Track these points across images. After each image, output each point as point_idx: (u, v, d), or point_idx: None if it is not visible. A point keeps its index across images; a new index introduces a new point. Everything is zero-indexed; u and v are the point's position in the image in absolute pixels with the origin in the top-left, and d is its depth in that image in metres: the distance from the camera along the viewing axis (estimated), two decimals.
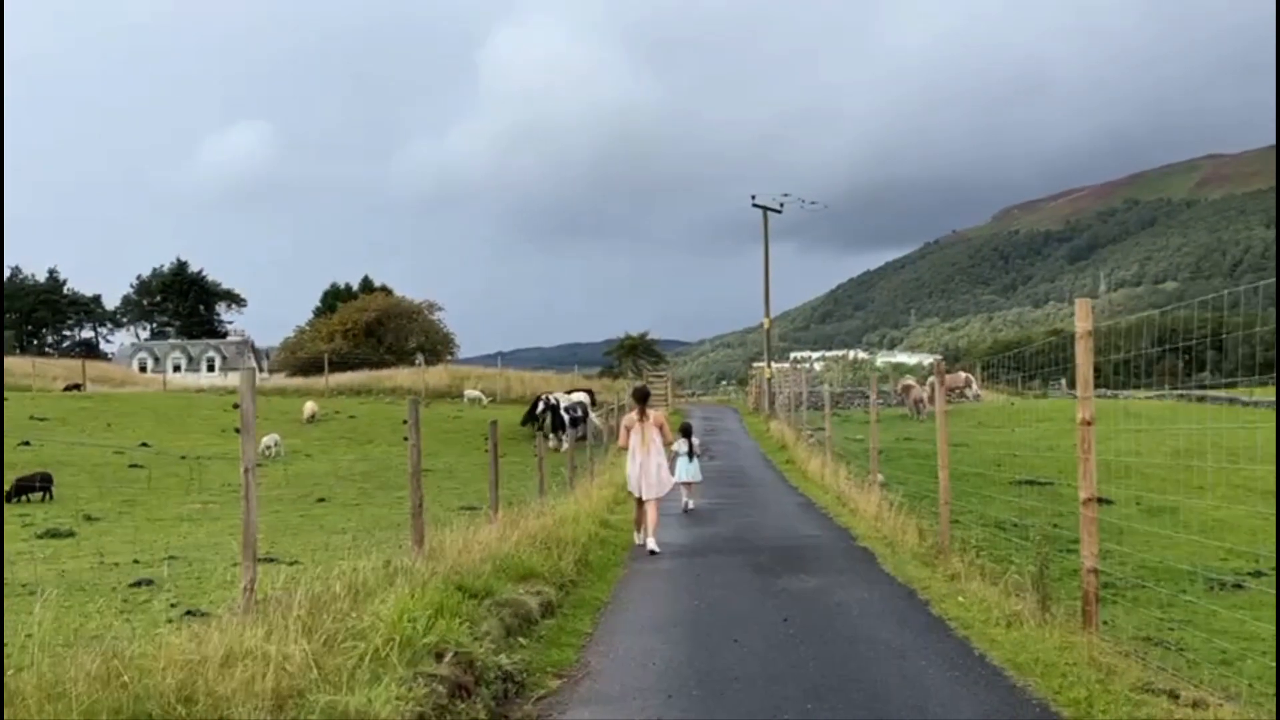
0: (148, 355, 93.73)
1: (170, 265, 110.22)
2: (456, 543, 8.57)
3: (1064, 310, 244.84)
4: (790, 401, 31.81)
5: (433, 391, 47.92)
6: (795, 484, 17.79)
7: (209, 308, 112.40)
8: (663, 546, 10.33)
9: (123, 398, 44.29)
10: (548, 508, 11.80)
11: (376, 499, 21.13)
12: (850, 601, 7.34)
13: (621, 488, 15.69)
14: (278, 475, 24.64)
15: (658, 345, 75.95)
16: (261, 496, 20.11)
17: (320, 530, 15.90)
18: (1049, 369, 13.94)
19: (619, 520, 12.49)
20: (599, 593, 7.84)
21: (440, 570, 7.11)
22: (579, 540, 9.33)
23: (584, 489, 14.49)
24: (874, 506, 12.28)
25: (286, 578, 9.66)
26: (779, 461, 22.54)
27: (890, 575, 8.52)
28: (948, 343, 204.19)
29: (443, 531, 9.77)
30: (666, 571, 8.92)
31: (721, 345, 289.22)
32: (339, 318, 65.51)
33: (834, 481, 15.89)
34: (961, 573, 8.02)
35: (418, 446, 9.15)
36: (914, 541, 9.89)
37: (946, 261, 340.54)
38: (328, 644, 4.93)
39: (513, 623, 6.03)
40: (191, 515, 18.77)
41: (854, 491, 14.11)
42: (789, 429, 27.11)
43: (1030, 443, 24.60)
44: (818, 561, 9.29)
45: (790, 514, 13.40)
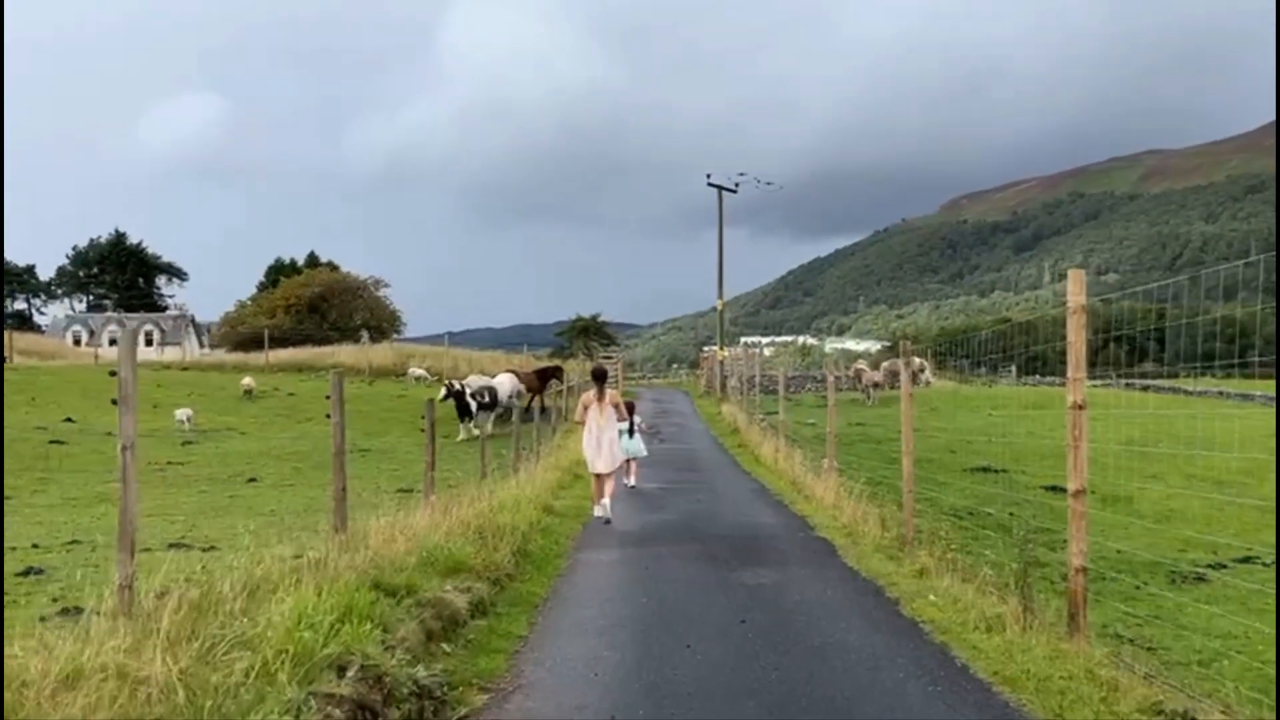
0: (82, 328, 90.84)
1: (108, 236, 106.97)
2: (382, 531, 7.78)
3: (1009, 299, 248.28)
4: (742, 385, 31.27)
5: (377, 370, 46.75)
6: (748, 468, 17.19)
7: (149, 281, 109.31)
8: (610, 535, 9.67)
9: (49, 371, 42.53)
10: (487, 492, 11.05)
11: (311, 479, 20.15)
12: (812, 600, 6.70)
13: (567, 471, 14.98)
14: (209, 453, 23.56)
15: (609, 327, 75.19)
16: (189, 476, 18.90)
17: (247, 512, 15.00)
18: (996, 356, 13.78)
19: (565, 506, 11.77)
20: (538, 587, 7.11)
21: (358, 563, 6.34)
22: (518, 528, 8.58)
23: (529, 472, 13.73)
24: (832, 494, 11.71)
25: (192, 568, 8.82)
26: (731, 445, 21.95)
27: (853, 569, 7.90)
28: (895, 330, 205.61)
29: (370, 517, 9.00)
30: (613, 563, 8.22)
31: (673, 329, 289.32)
32: (281, 293, 63.76)
33: (788, 467, 15.31)
34: (931, 568, 7.43)
35: (341, 424, 8.35)
36: (876, 532, 9.30)
37: (895, 250, 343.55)
38: (206, 657, 4.15)
39: (435, 626, 5.29)
40: (109, 495, 17.66)
41: (810, 478, 13.53)
42: (741, 412, 26.56)
43: (983, 429, 24.32)
44: (775, 553, 8.66)
45: (744, 500, 12.76)
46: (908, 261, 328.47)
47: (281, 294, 63.27)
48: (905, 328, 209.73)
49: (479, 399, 26.50)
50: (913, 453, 9.96)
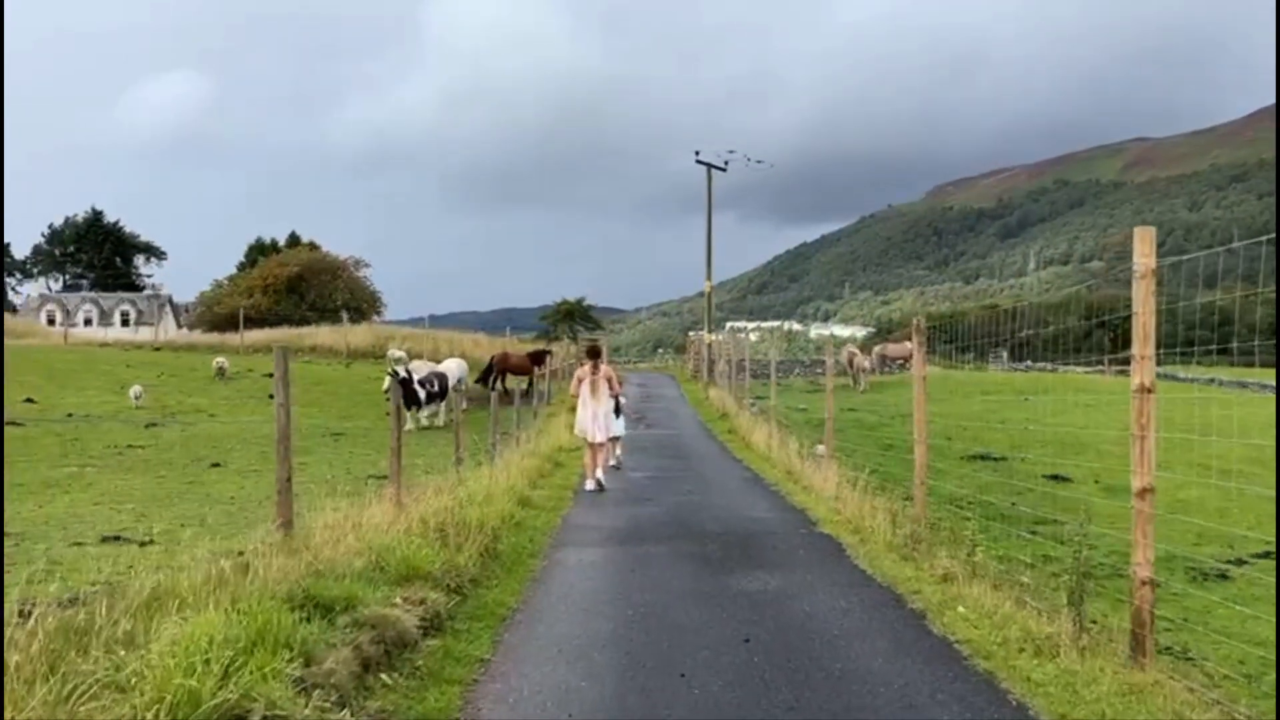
0: (56, 308, 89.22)
1: (85, 215, 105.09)
2: (331, 528, 6.82)
3: (994, 286, 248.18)
4: (731, 369, 30.34)
5: (355, 351, 45.70)
6: (739, 456, 16.26)
7: (126, 260, 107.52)
8: (591, 532, 8.73)
9: (14, 350, 41.21)
10: (457, 482, 10.09)
11: (273, 463, 19.09)
12: (825, 612, 5.78)
13: (547, 458, 14.05)
14: (173, 436, 22.45)
15: (595, 311, 74.17)
16: (149, 460, 17.74)
17: (204, 500, 14.00)
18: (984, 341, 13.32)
19: (543, 497, 10.80)
20: (506, 595, 6.14)
21: (294, 569, 5.37)
22: (488, 524, 7.62)
23: (506, 459, 12.77)
24: (832, 484, 10.78)
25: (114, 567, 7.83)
26: (720, 431, 21.02)
27: (866, 573, 6.97)
28: (880, 316, 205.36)
29: (324, 508, 8.03)
30: (593, 565, 7.26)
31: (659, 314, 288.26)
32: (259, 272, 62.35)
33: (783, 454, 14.40)
34: (956, 573, 6.50)
35: (286, 406, 7.36)
36: (886, 528, 8.38)
37: (881, 236, 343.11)
38: (61, 704, 3.17)
39: (375, 651, 4.33)
40: (60, 480, 16.62)
41: (806, 466, 12.62)
42: (729, 397, 25.64)
43: (979, 415, 23.52)
44: (776, 553, 7.72)
45: (737, 491, 11.82)
46: (893, 248, 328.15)
47: (259, 274, 61.89)
48: (891, 314, 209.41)
49: (428, 387, 24.81)
50: (926, 440, 9.06)
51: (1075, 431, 18.68)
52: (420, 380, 24.76)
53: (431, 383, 24.89)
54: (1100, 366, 35.14)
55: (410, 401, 24.08)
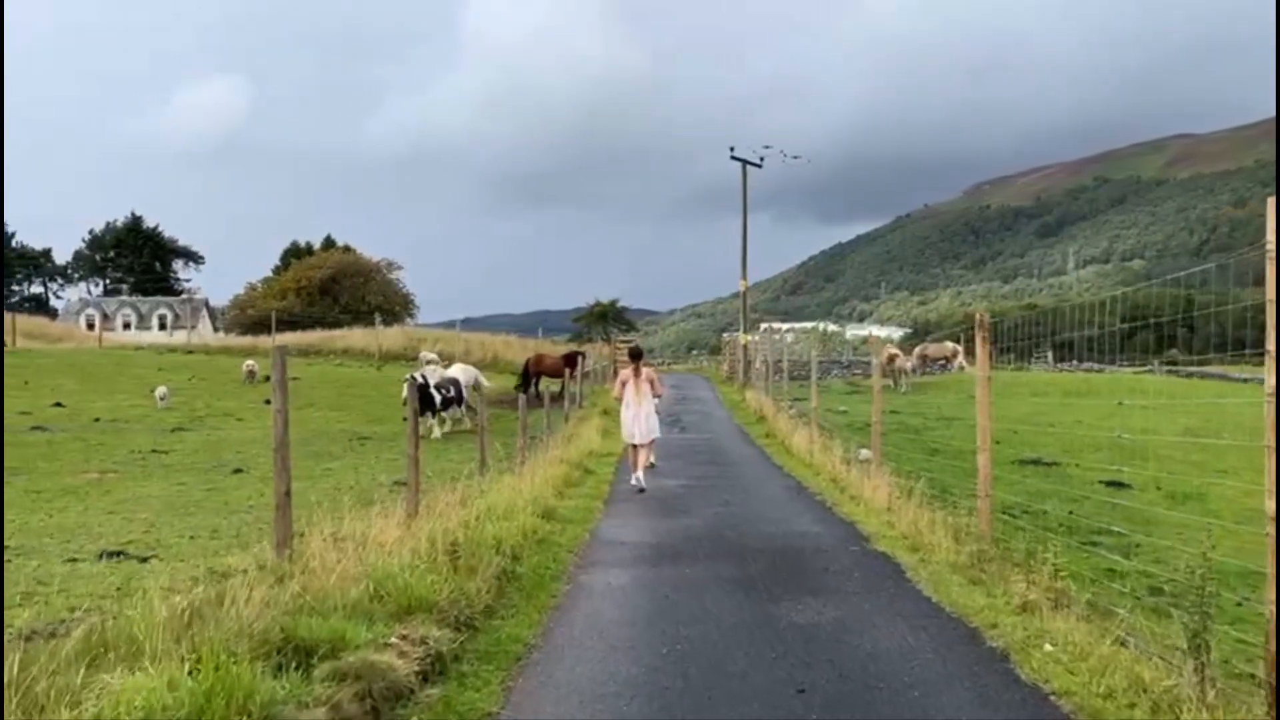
0: (95, 312, 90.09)
1: (124, 220, 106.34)
2: (329, 550, 6.13)
3: (1032, 285, 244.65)
4: (767, 370, 29.48)
5: (387, 354, 45.34)
6: (779, 462, 15.43)
7: (165, 264, 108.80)
8: (622, 549, 7.98)
9: (48, 354, 41.28)
10: (478, 492, 9.40)
11: (300, 471, 18.46)
12: (890, 651, 4.98)
13: (576, 465, 13.35)
14: (198, 440, 21.98)
15: (628, 313, 73.63)
16: (172, 465, 17.17)
17: (220, 509, 13.44)
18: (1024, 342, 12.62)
19: (570, 509, 10.04)
20: (523, 628, 5.39)
21: (279, 600, 4.66)
22: (506, 542, 6.89)
23: (531, 467, 12.05)
24: (883, 494, 9.96)
25: (104, 588, 7.19)
26: (758, 435, 20.19)
27: (932, 601, 6.16)
28: (917, 316, 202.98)
29: (332, 522, 7.37)
30: (623, 590, 6.49)
31: (693, 315, 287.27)
32: (292, 275, 62.38)
33: (825, 461, 13.57)
34: (1037, 602, 5.68)
35: (284, 411, 6.69)
36: (948, 546, 7.56)
37: (918, 235, 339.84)
38: None
39: (357, 711, 3.60)
40: (79, 488, 16.17)
41: (853, 474, 11.80)
42: (767, 399, 24.79)
43: (1026, 418, 22.53)
44: (828, 575, 6.92)
45: (780, 502, 10.99)
46: (930, 247, 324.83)
47: (292, 276, 61.90)
48: (927, 314, 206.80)
49: (444, 392, 23.99)
50: (989, 447, 8.22)
51: (1132, 434, 17.70)
52: (436, 385, 23.96)
53: (447, 389, 24.12)
54: (1149, 367, 33.96)
55: (426, 408, 23.61)
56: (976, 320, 8.03)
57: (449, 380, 24.67)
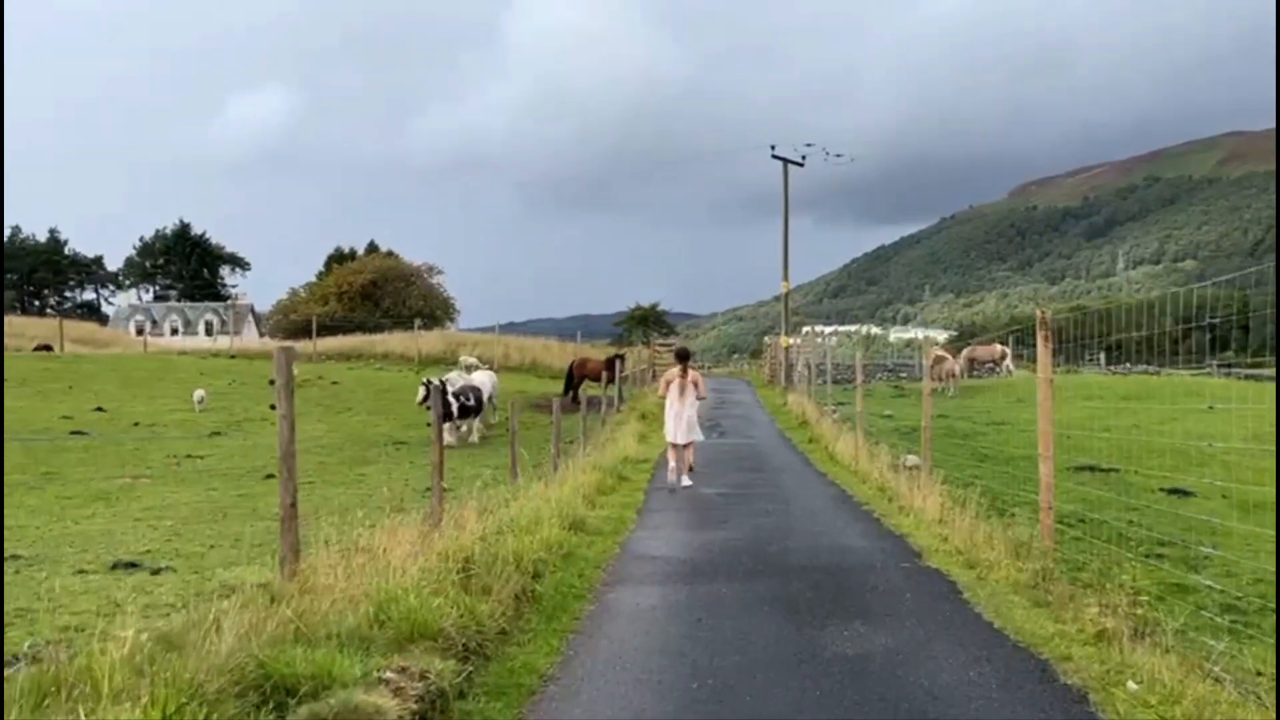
0: (144, 318, 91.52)
1: (173, 227, 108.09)
2: (336, 566, 5.68)
3: (1080, 286, 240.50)
4: (810, 373, 28.80)
5: (426, 358, 45.19)
6: (823, 469, 14.81)
7: (212, 271, 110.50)
8: (651, 563, 7.46)
9: (93, 359, 41.63)
10: (504, 501, 8.94)
11: (334, 476, 18.33)
12: (951, 689, 4.41)
13: (610, 471, 12.86)
14: (234, 445, 21.81)
15: (669, 317, 73.20)
16: (206, 470, 16.93)
17: (248, 516, 13.15)
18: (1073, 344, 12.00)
19: (599, 519, 9.51)
20: (539, 657, 4.88)
21: (269, 626, 4.20)
22: (527, 557, 6.40)
23: (562, 474, 11.57)
24: (935, 505, 9.33)
25: (105, 604, 6.81)
26: (800, 441, 19.55)
27: (994, 626, 5.56)
28: (962, 319, 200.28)
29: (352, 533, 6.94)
30: (652, 612, 5.96)
31: (734, 318, 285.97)
32: (334, 279, 62.65)
33: (872, 468, 12.95)
34: (1116, 630, 5.07)
35: (290, 417, 6.26)
36: (1007, 563, 6.94)
37: (962, 237, 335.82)
38: None
39: None
40: (110, 493, 16.00)
41: (901, 482, 11.17)
42: (809, 403, 24.13)
43: (1080, 422, 21.71)
44: (877, 596, 6.34)
45: (824, 512, 10.39)
46: (975, 249, 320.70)
47: (334, 281, 62.15)
48: (973, 316, 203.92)
49: (462, 399, 22.96)
50: (1052, 455, 7.60)
51: (1193, 440, 16.87)
52: (454, 393, 22.92)
53: (466, 395, 23.12)
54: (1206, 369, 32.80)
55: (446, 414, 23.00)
56: (1038, 318, 7.41)
57: (469, 388, 23.80)
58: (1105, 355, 37.95)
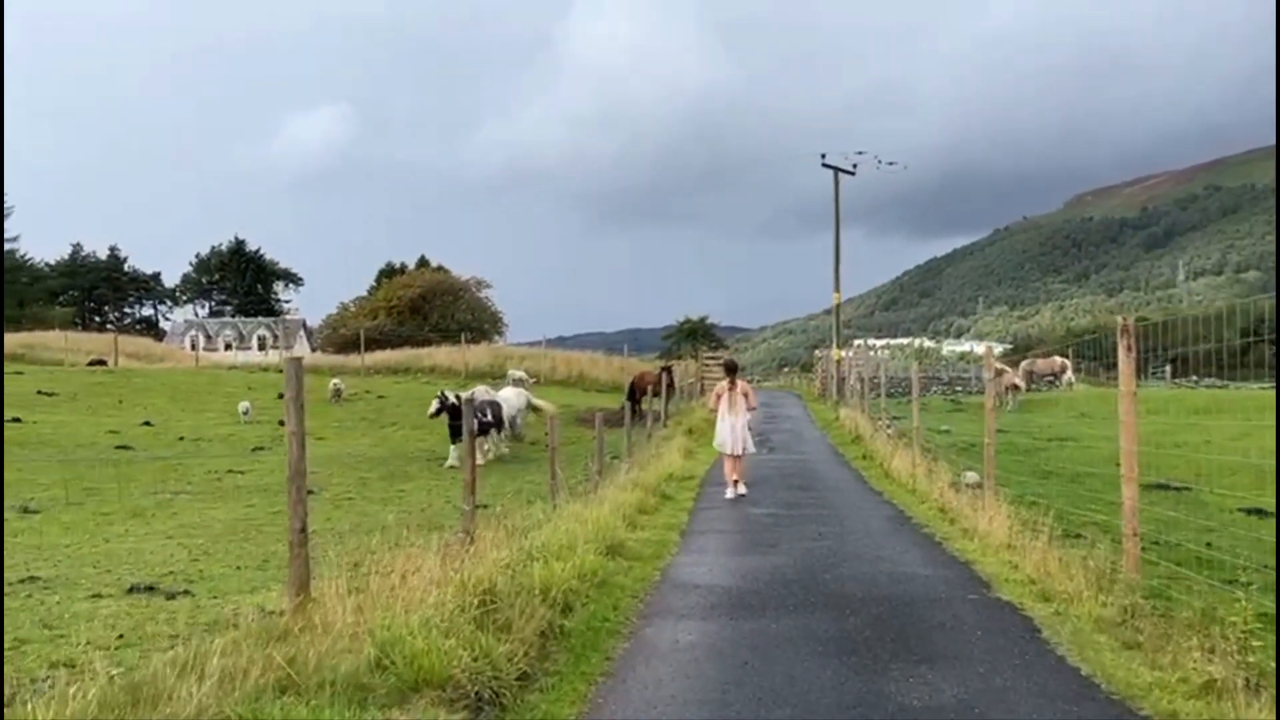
0: (199, 332, 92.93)
1: (229, 244, 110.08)
2: (345, 598, 5.18)
3: (1139, 299, 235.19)
4: (863, 386, 27.98)
5: (474, 372, 45.01)
6: (878, 487, 14.10)
7: (266, 286, 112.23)
8: (693, 592, 6.86)
9: (144, 373, 42.04)
10: (539, 523, 8.41)
11: (374, 492, 18.01)
12: None
13: (653, 490, 12.28)
14: (277, 460, 21.53)
15: (718, 330, 72.62)
16: (245, 486, 16.63)
17: (282, 534, 12.72)
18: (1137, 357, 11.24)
19: (640, 542, 8.91)
20: (562, 707, 4.29)
21: (253, 670, 3.69)
22: (558, 586, 5.84)
23: (601, 492, 11.02)
24: (1002, 528, 8.62)
25: (111, 632, 6.38)
26: (853, 457, 18.81)
27: (1081, 674, 4.88)
28: (1017, 331, 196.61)
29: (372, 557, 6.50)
30: (692, 650, 5.35)
31: (784, 332, 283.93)
32: (383, 294, 62.98)
33: (930, 486, 12.22)
34: (1226, 682, 4.38)
35: (300, 434, 5.81)
36: (1089, 595, 6.24)
37: (1016, 248, 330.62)
38: None
39: None
40: (147, 510, 15.78)
41: (962, 502, 10.46)
42: (862, 417, 23.35)
43: (1149, 438, 20.68)
44: (944, 634, 5.68)
45: (880, 534, 9.69)
46: (1030, 261, 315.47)
47: (383, 295, 62.46)
48: (1028, 329, 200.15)
49: (480, 416, 21.71)
50: (1136, 476, 6.89)
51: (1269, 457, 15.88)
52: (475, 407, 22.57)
53: (484, 411, 21.93)
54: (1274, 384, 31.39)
55: (456, 432, 21.13)
56: (1119, 326, 6.72)
57: (488, 403, 22.73)
58: (1171, 368, 36.59)
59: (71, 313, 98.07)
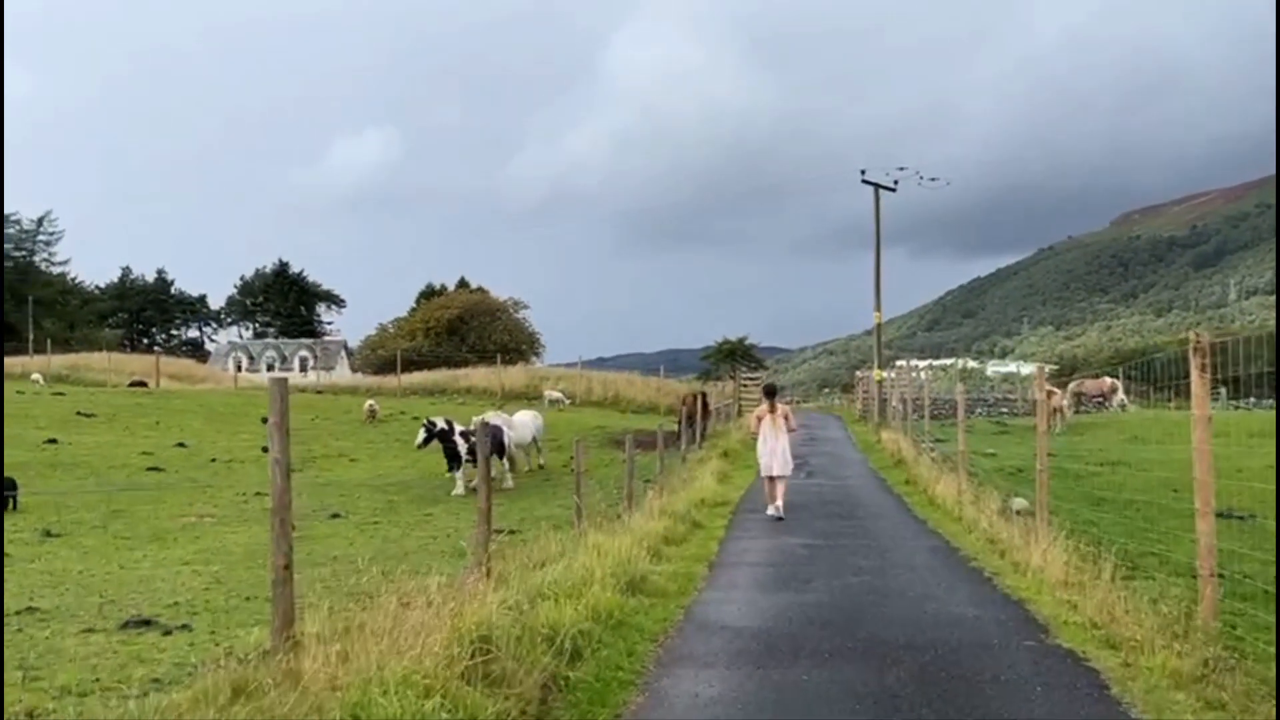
0: (242, 354, 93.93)
1: (272, 266, 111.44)
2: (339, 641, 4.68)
3: (1189, 319, 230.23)
4: (906, 408, 27.18)
5: (510, 393, 44.70)
6: (922, 515, 13.38)
7: (309, 308, 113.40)
8: (718, 635, 6.27)
9: (182, 394, 42.22)
10: (556, 554, 7.86)
11: (401, 515, 17.59)
12: None
13: (682, 517, 11.69)
14: (306, 482, 21.29)
15: (757, 351, 71.88)
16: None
17: (302, 562, 12.27)
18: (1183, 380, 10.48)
19: (664, 575, 8.31)
20: None
21: None
22: (567, 630, 5.28)
23: (626, 520, 10.44)
24: (1058, 563, 7.94)
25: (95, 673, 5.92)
26: (895, 482, 18.08)
27: None
28: (1062, 352, 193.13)
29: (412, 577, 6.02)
30: (714, 708, 4.74)
31: (825, 352, 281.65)
32: (421, 315, 63.06)
33: (978, 515, 11.51)
34: None
35: (284, 462, 5.32)
36: (1160, 643, 5.57)
37: (1061, 268, 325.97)
38: None
39: None
40: (170, 533, 15.50)
41: (1013, 533, 9.76)
42: (905, 440, 22.57)
43: None
44: (1000, 690, 5.04)
45: (925, 568, 9.01)
46: (1075, 280, 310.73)
47: (420, 317, 62.51)
48: (1074, 350, 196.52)
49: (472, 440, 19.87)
50: (1212, 510, 6.21)
51: None
52: (464, 432, 19.92)
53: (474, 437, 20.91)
54: None
55: (451, 459, 20.01)
56: (1192, 343, 6.06)
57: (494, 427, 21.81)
58: (1227, 390, 35.30)
59: (120, 335, 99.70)
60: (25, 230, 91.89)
